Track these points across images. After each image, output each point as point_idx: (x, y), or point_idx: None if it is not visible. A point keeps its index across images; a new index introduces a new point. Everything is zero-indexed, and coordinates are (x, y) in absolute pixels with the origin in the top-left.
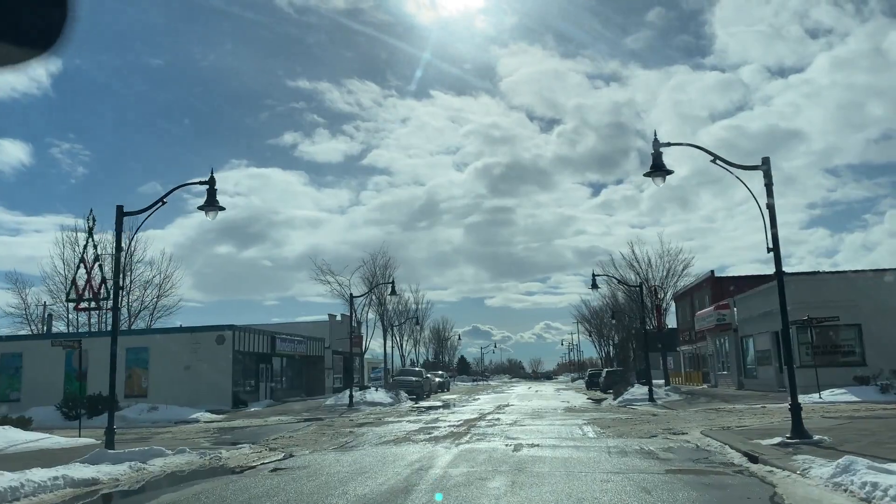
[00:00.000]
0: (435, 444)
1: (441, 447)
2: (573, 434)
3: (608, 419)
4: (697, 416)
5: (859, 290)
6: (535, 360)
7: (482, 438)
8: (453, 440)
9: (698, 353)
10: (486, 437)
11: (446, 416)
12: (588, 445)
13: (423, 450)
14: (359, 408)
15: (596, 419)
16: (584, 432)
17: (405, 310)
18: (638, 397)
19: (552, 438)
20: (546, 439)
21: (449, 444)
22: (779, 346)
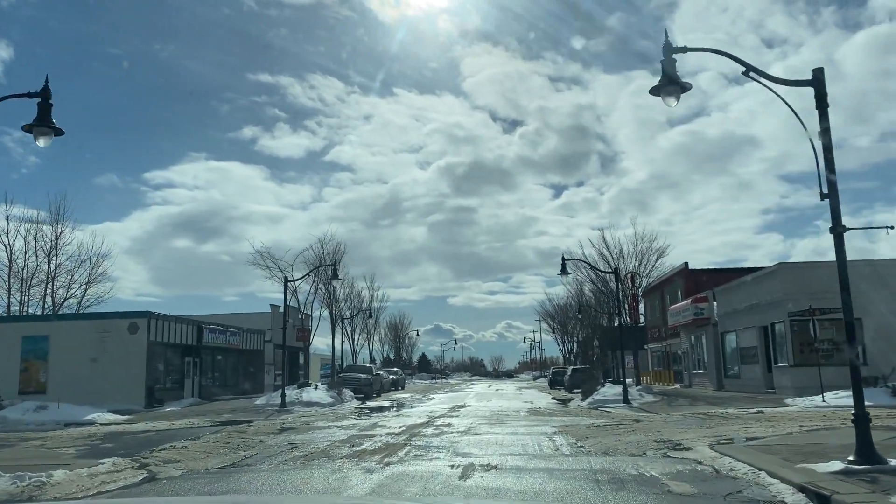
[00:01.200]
0: (355, 465)
1: (360, 470)
2: (542, 448)
3: (583, 426)
4: (689, 423)
5: (859, 281)
6: (497, 357)
7: (422, 455)
8: (383, 457)
9: (669, 350)
10: (427, 453)
11: (389, 419)
12: (565, 468)
13: (334, 476)
14: (292, 409)
15: (568, 426)
16: (555, 445)
17: (359, 303)
18: (610, 398)
19: (515, 455)
20: (507, 457)
21: (375, 463)
22: (767, 342)
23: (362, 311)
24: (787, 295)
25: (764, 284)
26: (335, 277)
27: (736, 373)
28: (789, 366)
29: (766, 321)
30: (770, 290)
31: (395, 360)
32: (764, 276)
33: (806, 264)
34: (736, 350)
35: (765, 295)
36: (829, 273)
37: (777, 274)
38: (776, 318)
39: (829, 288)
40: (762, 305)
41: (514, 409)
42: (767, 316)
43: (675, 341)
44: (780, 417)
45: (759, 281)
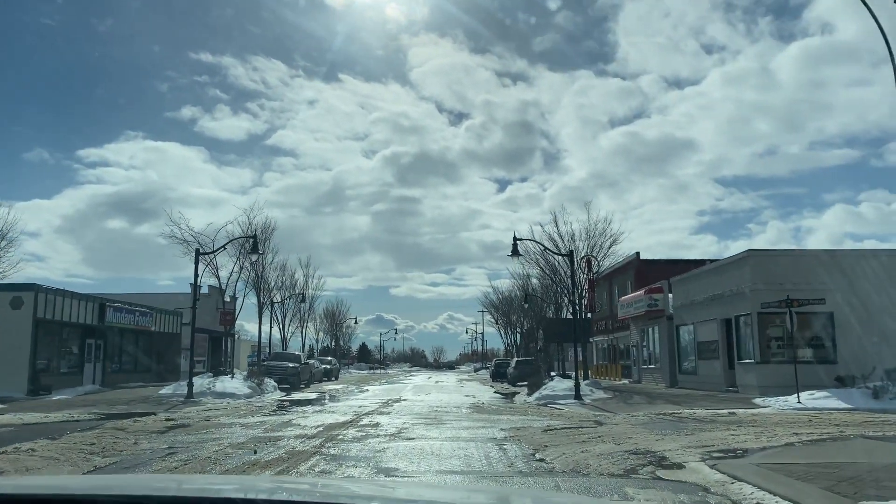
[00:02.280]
0: None
1: None
2: (491, 462)
3: (537, 430)
4: (661, 427)
5: (833, 272)
6: (438, 348)
7: (332, 471)
8: (278, 473)
9: (615, 344)
10: (339, 468)
11: (307, 416)
12: None
13: None
14: (200, 400)
15: (519, 429)
16: (508, 458)
17: (293, 287)
18: (560, 394)
19: (456, 473)
20: (445, 475)
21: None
22: (728, 336)
23: (295, 295)
24: (756, 285)
25: (729, 273)
26: (255, 251)
27: (692, 369)
28: (755, 362)
29: (730, 313)
30: (736, 279)
31: (334, 349)
32: (729, 265)
33: (777, 252)
34: (693, 344)
35: (730, 285)
36: (801, 262)
37: (746, 262)
38: (742, 311)
39: (799, 278)
40: (726, 296)
41: (455, 404)
42: (732, 308)
43: (624, 334)
44: (761, 422)
45: (723, 270)
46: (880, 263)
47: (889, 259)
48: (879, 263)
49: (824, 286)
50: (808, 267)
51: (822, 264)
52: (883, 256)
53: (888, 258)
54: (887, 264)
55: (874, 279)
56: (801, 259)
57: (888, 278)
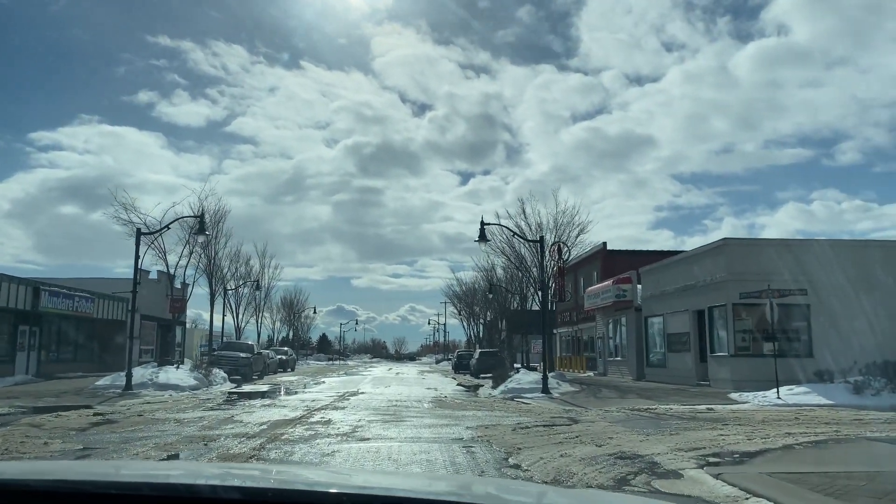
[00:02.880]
0: None
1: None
2: (458, 467)
3: (505, 427)
4: (641, 425)
5: (811, 262)
6: (400, 339)
7: None
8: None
9: (580, 335)
10: None
11: (254, 412)
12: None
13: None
14: (139, 392)
15: (487, 427)
16: (477, 463)
17: (248, 274)
18: (526, 387)
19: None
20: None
21: None
22: (701, 329)
23: (250, 282)
24: (732, 275)
25: (702, 263)
26: (201, 232)
27: (660, 361)
28: (729, 355)
29: (703, 304)
30: (710, 269)
31: (293, 339)
32: (703, 254)
33: (754, 241)
34: (662, 336)
35: (703, 275)
36: (779, 251)
37: (721, 251)
38: (716, 301)
39: (776, 268)
40: (699, 287)
41: (416, 397)
42: (705, 298)
43: (589, 326)
44: (745, 420)
45: (697, 259)
46: (861, 254)
47: (870, 250)
48: (860, 254)
49: (802, 277)
50: (786, 256)
51: (801, 254)
52: (864, 247)
53: (869, 249)
54: (868, 255)
55: (854, 270)
56: (779, 248)
57: (868, 270)
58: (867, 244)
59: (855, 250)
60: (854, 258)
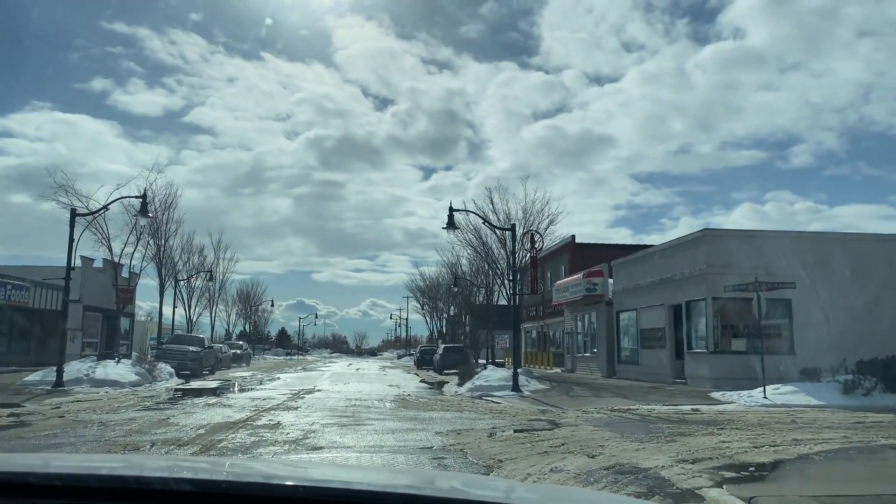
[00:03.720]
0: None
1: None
2: None
3: (480, 431)
4: (630, 430)
5: (794, 255)
6: (361, 334)
7: None
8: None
9: (545, 331)
10: None
11: (195, 412)
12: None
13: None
14: (72, 389)
15: (459, 431)
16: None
17: (202, 264)
18: (495, 384)
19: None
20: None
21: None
22: (677, 324)
23: (204, 272)
24: (712, 267)
25: (679, 255)
26: (143, 213)
27: (633, 358)
28: (708, 352)
29: (680, 299)
30: (688, 261)
31: (251, 333)
32: (681, 246)
33: (734, 232)
34: (635, 332)
35: (680, 267)
36: (761, 243)
37: (700, 242)
38: (694, 296)
39: (758, 260)
40: (676, 280)
41: (378, 395)
42: (682, 293)
43: (556, 321)
44: (740, 423)
45: (673, 252)
46: (848, 248)
47: (859, 244)
48: (847, 248)
49: (785, 270)
50: (768, 249)
51: (784, 247)
52: (851, 240)
53: (856, 242)
54: (856, 249)
55: (840, 265)
56: (761, 240)
57: (856, 264)
58: (857, 237)
59: (841, 243)
60: (842, 252)
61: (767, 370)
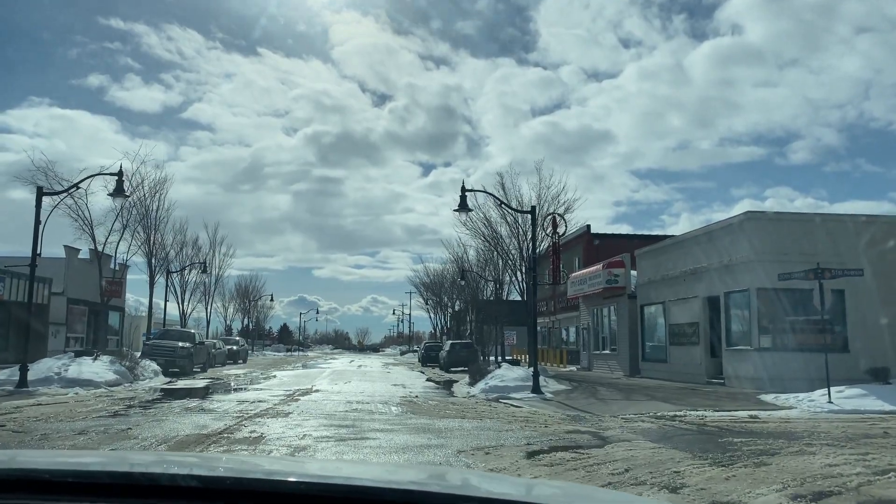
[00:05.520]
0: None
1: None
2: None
3: (513, 450)
4: (696, 446)
5: (847, 241)
6: (363, 330)
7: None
8: None
9: (557, 327)
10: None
11: (165, 420)
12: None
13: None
14: (37, 389)
15: (485, 449)
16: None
17: (197, 256)
18: (512, 385)
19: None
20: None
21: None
22: (712, 318)
23: (198, 263)
24: (758, 255)
25: (718, 242)
26: (119, 193)
27: (659, 355)
28: (753, 349)
29: (718, 290)
30: (729, 248)
31: (253, 329)
32: (719, 232)
33: (782, 216)
34: (663, 327)
35: (718, 256)
36: (812, 228)
37: (743, 227)
38: (735, 286)
39: (810, 247)
40: (713, 269)
41: (382, 397)
42: (720, 283)
43: (569, 316)
44: (823, 434)
45: (710, 238)
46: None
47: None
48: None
49: (840, 257)
50: (820, 234)
51: (839, 231)
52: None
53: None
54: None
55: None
56: (813, 224)
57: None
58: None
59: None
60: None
61: (820, 370)
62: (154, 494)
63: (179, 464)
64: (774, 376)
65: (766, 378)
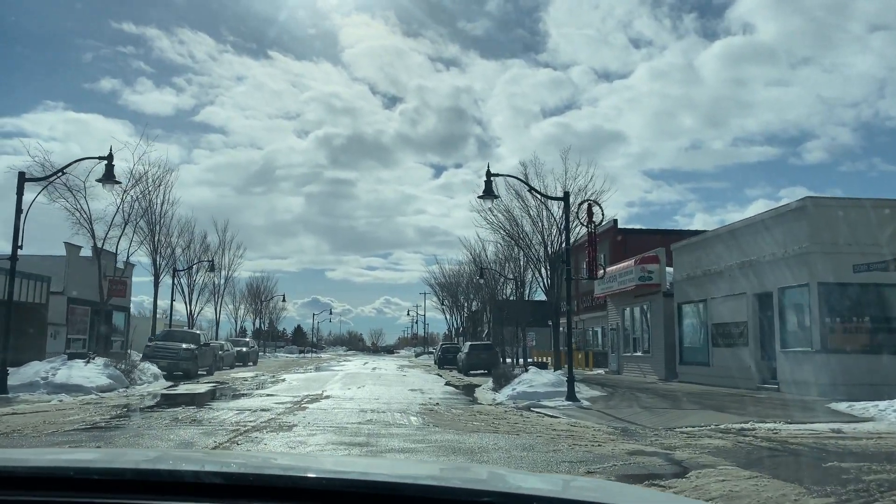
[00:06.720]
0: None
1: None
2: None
3: (567, 475)
4: (793, 470)
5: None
6: (376, 331)
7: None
8: None
9: (581, 327)
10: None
11: (146, 435)
12: None
13: None
14: (17, 396)
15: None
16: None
17: (204, 250)
18: (542, 391)
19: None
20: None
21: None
22: (762, 317)
23: (206, 261)
24: (820, 245)
25: (770, 233)
26: (109, 179)
27: (700, 358)
28: (814, 351)
29: (770, 285)
30: (784, 239)
31: (266, 330)
32: (771, 221)
33: (847, 202)
34: (704, 327)
35: (771, 247)
36: (878, 216)
37: (801, 215)
38: (792, 281)
39: (875, 237)
40: (764, 263)
41: (399, 404)
42: (774, 278)
43: (595, 316)
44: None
45: (760, 229)
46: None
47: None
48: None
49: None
50: (891, 223)
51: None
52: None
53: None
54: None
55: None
56: (880, 213)
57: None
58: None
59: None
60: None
61: (885, 374)
62: (178, 491)
63: (199, 461)
64: (840, 382)
65: (830, 384)
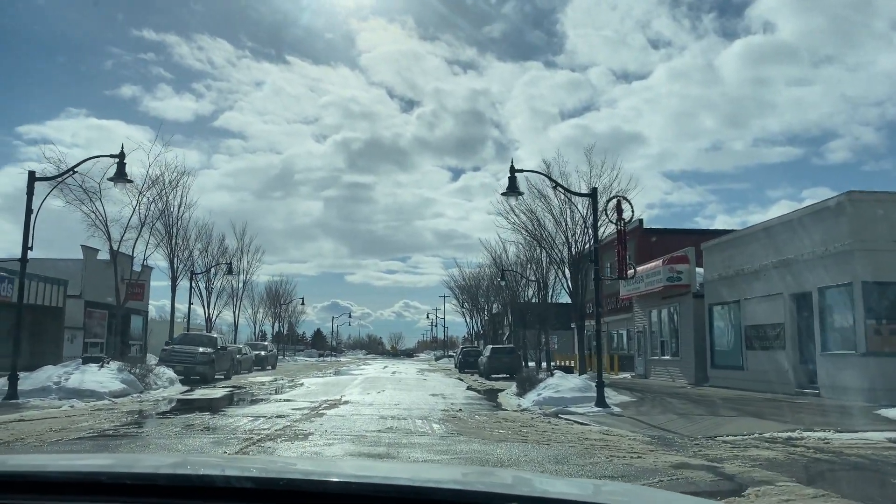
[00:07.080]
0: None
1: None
2: None
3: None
4: (861, 488)
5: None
6: (396, 335)
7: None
8: None
9: (605, 330)
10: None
11: (155, 443)
12: None
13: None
14: (27, 402)
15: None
16: None
17: (222, 253)
18: (569, 396)
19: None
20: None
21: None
22: (800, 319)
23: (224, 264)
24: (862, 242)
25: (808, 230)
26: (121, 177)
27: (733, 361)
28: (859, 354)
29: (809, 285)
30: (824, 236)
31: (287, 334)
32: (809, 218)
33: (880, 195)
34: (737, 329)
35: (810, 245)
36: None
37: (842, 210)
38: (833, 280)
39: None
40: (802, 262)
41: (421, 410)
42: (813, 277)
43: (620, 318)
44: None
45: (798, 226)
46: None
47: None
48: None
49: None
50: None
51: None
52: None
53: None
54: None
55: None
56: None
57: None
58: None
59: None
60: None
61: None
62: (207, 496)
63: (226, 466)
64: (886, 387)
65: (876, 389)
